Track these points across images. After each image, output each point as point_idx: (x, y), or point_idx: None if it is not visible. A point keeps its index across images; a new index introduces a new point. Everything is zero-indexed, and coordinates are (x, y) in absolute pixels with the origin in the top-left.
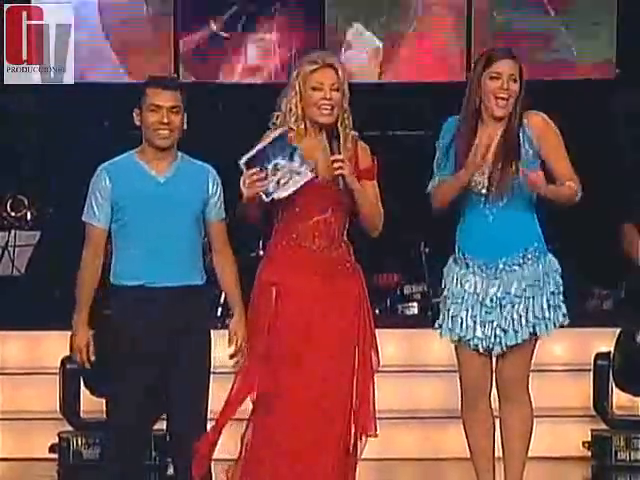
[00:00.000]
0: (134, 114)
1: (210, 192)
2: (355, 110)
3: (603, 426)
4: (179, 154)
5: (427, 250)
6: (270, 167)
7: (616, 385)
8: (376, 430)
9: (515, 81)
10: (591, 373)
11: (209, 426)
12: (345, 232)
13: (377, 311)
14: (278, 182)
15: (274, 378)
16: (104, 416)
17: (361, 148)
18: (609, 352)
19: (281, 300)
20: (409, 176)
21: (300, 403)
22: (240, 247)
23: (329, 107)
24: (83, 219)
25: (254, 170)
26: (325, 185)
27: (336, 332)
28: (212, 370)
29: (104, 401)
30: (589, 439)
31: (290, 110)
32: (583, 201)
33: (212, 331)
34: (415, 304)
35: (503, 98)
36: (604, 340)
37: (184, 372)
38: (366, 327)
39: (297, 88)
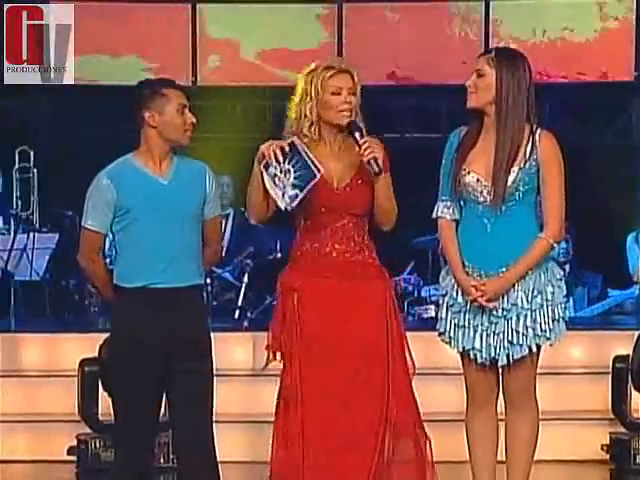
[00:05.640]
0: (146, 115)
1: (208, 190)
2: None
3: (622, 429)
4: (173, 155)
5: None
6: (284, 168)
7: (635, 388)
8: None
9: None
10: (609, 376)
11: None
12: (366, 234)
13: None
14: (291, 183)
15: (301, 379)
16: None
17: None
18: (628, 355)
19: (301, 307)
20: (426, 177)
21: (326, 403)
22: (259, 250)
23: (349, 110)
24: (89, 227)
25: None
26: (341, 192)
27: (358, 335)
28: (223, 373)
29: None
30: (608, 442)
31: (305, 116)
32: (599, 203)
33: (227, 333)
34: (432, 307)
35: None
36: (623, 343)
37: (189, 375)
38: (394, 331)
39: (313, 94)
